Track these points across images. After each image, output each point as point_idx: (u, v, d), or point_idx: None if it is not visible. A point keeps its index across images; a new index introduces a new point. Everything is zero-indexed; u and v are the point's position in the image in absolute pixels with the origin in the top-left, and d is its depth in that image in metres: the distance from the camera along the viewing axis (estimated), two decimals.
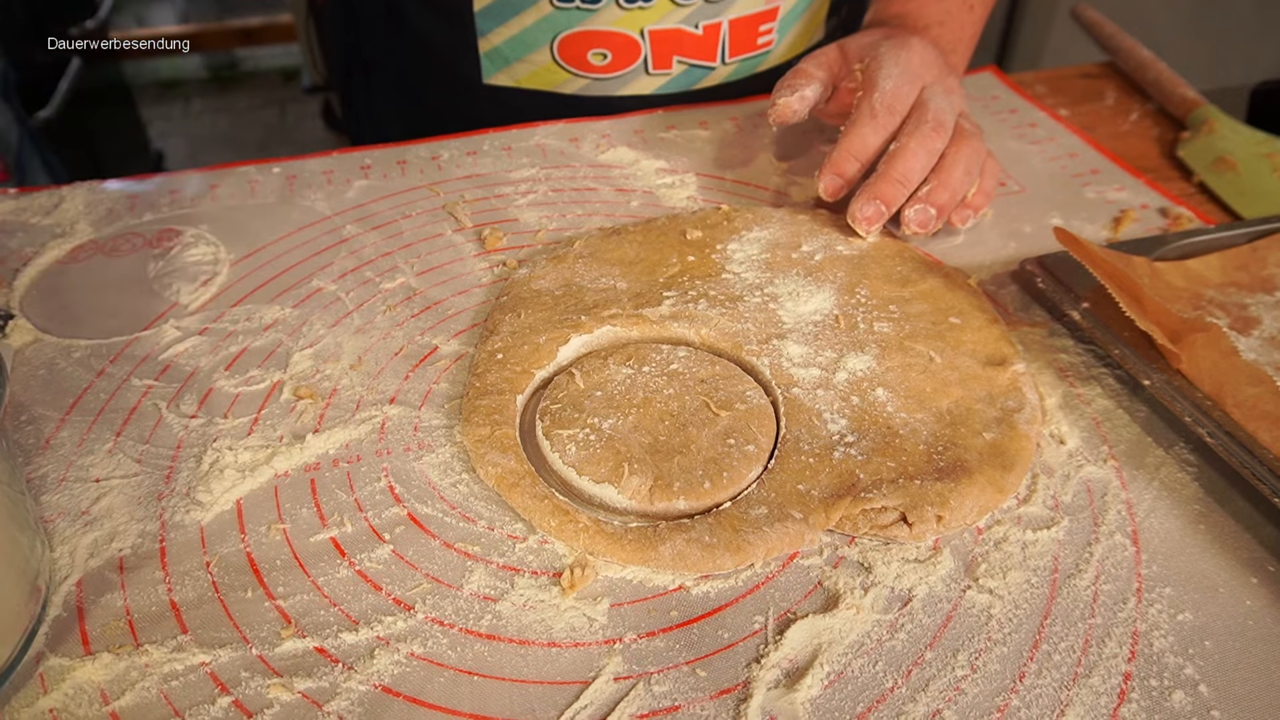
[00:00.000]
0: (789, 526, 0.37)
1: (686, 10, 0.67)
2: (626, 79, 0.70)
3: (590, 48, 0.68)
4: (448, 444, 0.42)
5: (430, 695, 0.33)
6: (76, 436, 0.43)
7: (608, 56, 0.68)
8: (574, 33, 0.67)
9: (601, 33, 0.67)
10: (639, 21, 0.66)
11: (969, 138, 0.54)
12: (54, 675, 0.33)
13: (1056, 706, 0.32)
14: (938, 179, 0.53)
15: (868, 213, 0.52)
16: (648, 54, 0.69)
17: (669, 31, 0.67)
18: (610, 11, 0.66)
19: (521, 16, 0.67)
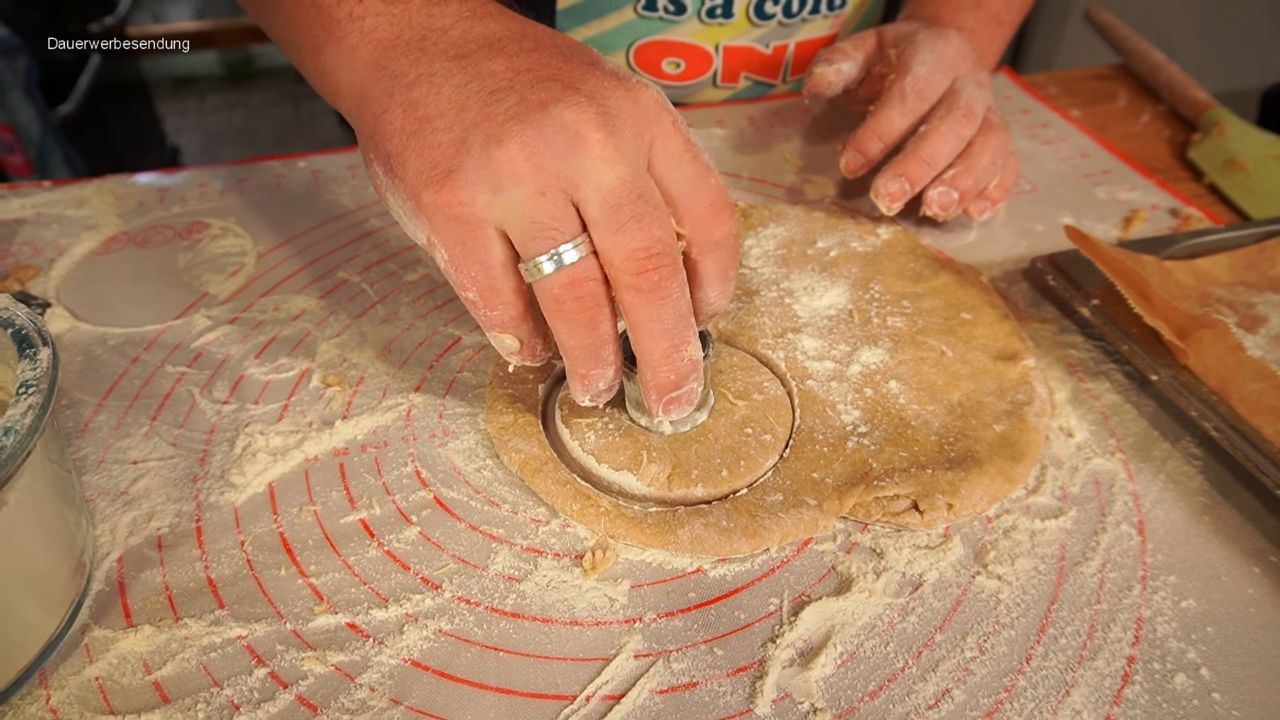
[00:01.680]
0: (804, 513, 0.38)
1: (761, 30, 0.69)
2: (694, 89, 0.73)
3: (665, 56, 0.70)
4: (472, 431, 0.44)
5: (458, 669, 0.34)
6: (114, 420, 0.44)
7: (681, 66, 0.70)
8: (652, 41, 0.69)
9: (678, 43, 0.69)
10: (716, 36, 0.69)
11: (997, 130, 0.55)
12: (99, 646, 0.34)
13: (1062, 687, 0.33)
14: (963, 165, 0.54)
15: (891, 188, 0.53)
16: (718, 67, 0.71)
17: (741, 48, 0.70)
18: (691, 24, 0.68)
19: (603, 20, 0.68)
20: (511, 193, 0.33)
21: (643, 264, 0.34)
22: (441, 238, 0.35)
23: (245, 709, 0.32)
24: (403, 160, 0.35)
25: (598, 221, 0.34)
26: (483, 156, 0.33)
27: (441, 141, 0.34)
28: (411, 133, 0.35)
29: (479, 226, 0.34)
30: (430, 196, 0.34)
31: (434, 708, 0.33)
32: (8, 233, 0.57)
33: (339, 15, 0.38)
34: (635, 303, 0.35)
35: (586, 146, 0.33)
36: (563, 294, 0.35)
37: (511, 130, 0.33)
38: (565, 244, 0.34)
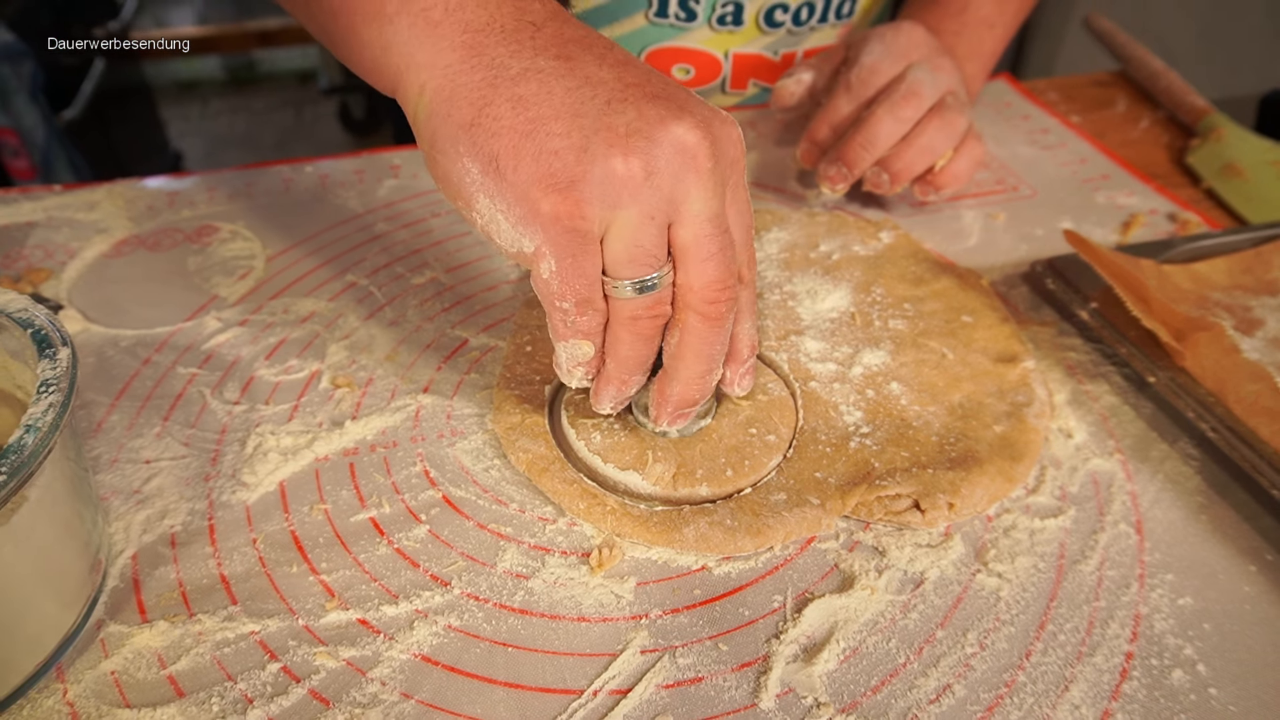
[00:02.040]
0: (807, 512, 0.39)
1: (771, 38, 0.70)
2: (703, 95, 0.73)
3: (675, 62, 0.71)
4: (479, 431, 0.44)
5: (467, 664, 0.34)
6: (126, 420, 0.45)
7: (690, 72, 0.72)
8: (662, 47, 0.70)
9: (689, 50, 0.70)
10: (726, 43, 0.70)
11: (944, 111, 0.55)
12: (114, 641, 0.35)
13: (1061, 682, 0.34)
14: (901, 145, 0.55)
15: (830, 172, 0.56)
16: (727, 74, 0.72)
17: (751, 56, 0.71)
18: (701, 31, 0.69)
19: (615, 25, 0.70)
20: (625, 211, 0.33)
21: (716, 294, 0.35)
22: (554, 249, 0.34)
23: (259, 703, 0.33)
24: (515, 162, 0.33)
25: (687, 248, 0.35)
26: (605, 168, 0.33)
27: (560, 148, 0.32)
28: (524, 133, 0.33)
29: (591, 241, 0.34)
30: (549, 206, 0.33)
31: (444, 702, 0.33)
32: (19, 236, 0.58)
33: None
34: (697, 327, 0.36)
35: (698, 173, 0.34)
36: (641, 314, 0.36)
37: (635, 145, 0.33)
38: (655, 272, 0.35)
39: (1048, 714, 0.33)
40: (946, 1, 0.65)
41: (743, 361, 0.40)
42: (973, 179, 0.62)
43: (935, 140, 0.55)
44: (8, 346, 0.36)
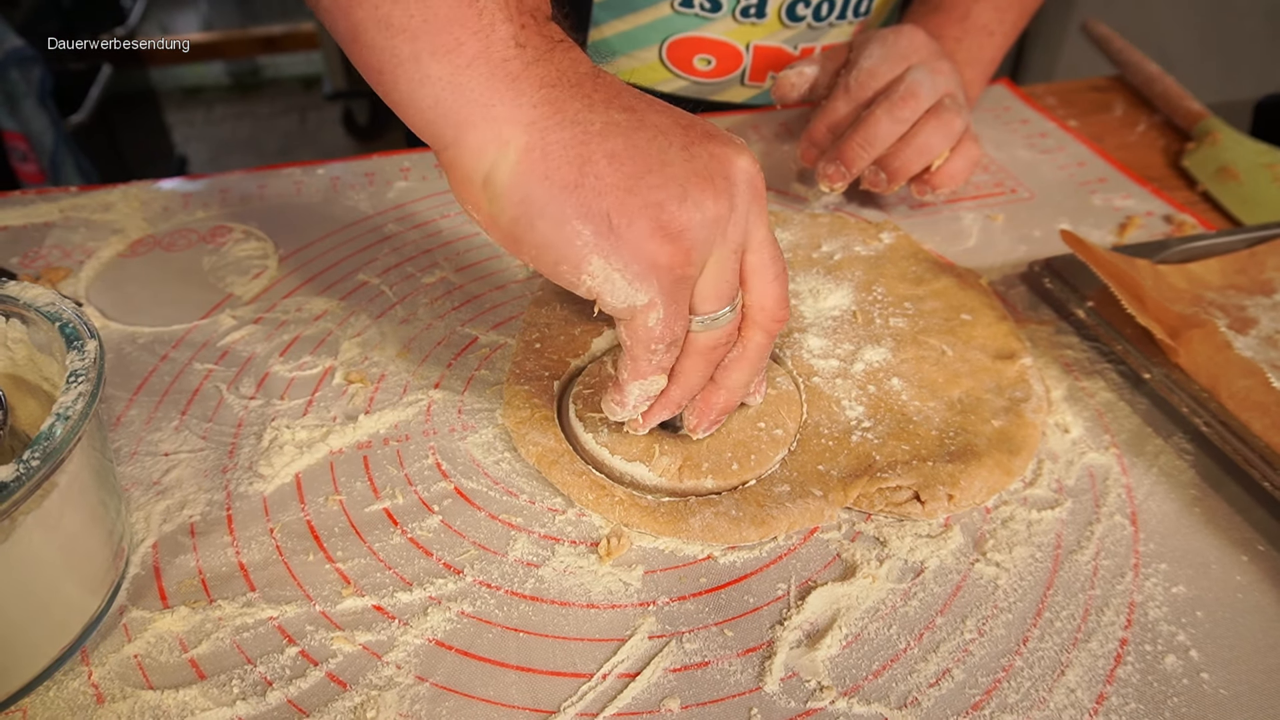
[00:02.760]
0: (810, 503, 0.40)
1: (792, 32, 0.71)
2: (723, 86, 0.75)
3: (698, 53, 0.72)
4: (490, 425, 0.45)
5: (480, 649, 0.35)
6: (145, 415, 0.46)
7: (712, 63, 0.73)
8: (685, 37, 0.71)
9: (711, 40, 0.71)
10: (748, 35, 0.71)
11: (942, 112, 0.56)
12: (136, 626, 0.36)
13: (1058, 667, 0.35)
14: (898, 145, 0.56)
15: (829, 170, 0.57)
16: (747, 66, 0.73)
17: (771, 48, 0.72)
18: (725, 23, 0.70)
19: (639, 14, 0.71)
20: (719, 250, 0.35)
21: (782, 311, 0.38)
22: (666, 297, 0.34)
23: (278, 685, 0.34)
24: (628, 219, 0.33)
25: (759, 270, 0.37)
26: (704, 213, 0.34)
27: (663, 199, 0.33)
28: (628, 189, 0.33)
29: (692, 283, 0.35)
30: (665, 257, 0.33)
31: (458, 684, 0.34)
32: (37, 236, 0.59)
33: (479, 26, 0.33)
34: (760, 342, 0.38)
35: (761, 201, 0.36)
36: (720, 343, 0.38)
37: (720, 186, 0.34)
38: (732, 303, 0.37)
39: (1044, 697, 0.34)
40: (948, 8, 0.66)
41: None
42: (969, 179, 0.63)
43: (932, 140, 0.56)
44: (35, 340, 0.37)
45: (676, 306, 0.35)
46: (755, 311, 0.38)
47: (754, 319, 0.38)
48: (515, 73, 0.33)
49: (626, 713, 0.33)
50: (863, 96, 0.58)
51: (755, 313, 0.38)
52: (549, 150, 0.33)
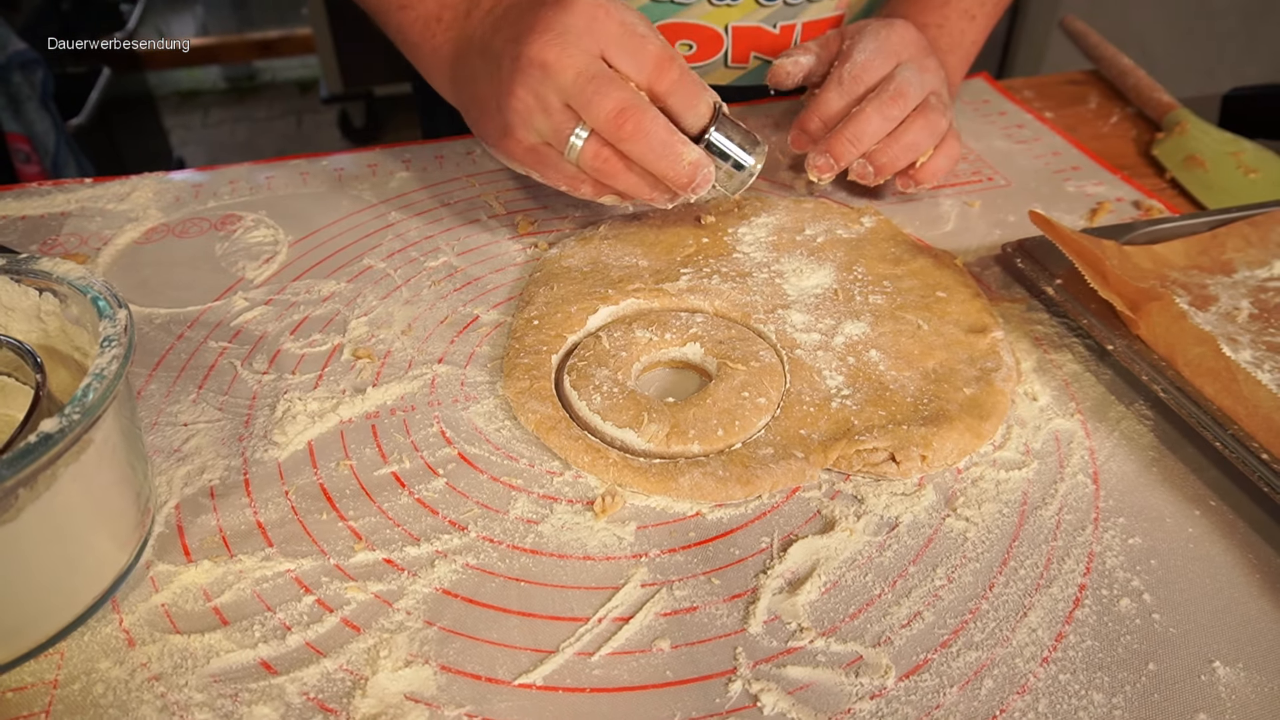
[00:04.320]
0: (792, 464, 0.43)
1: (768, 10, 0.73)
2: (706, 70, 0.76)
3: (678, 38, 0.74)
4: (491, 396, 0.48)
5: (484, 597, 0.38)
6: (164, 389, 0.48)
7: (693, 47, 0.74)
8: (664, 24, 0.73)
9: (689, 25, 0.73)
10: (725, 17, 0.73)
11: (928, 111, 0.59)
12: (163, 578, 0.39)
13: (1021, 609, 0.38)
14: (886, 140, 0.59)
15: (818, 162, 0.60)
16: (728, 48, 0.75)
17: (750, 29, 0.74)
18: (700, 6, 0.72)
19: None
20: (537, 119, 0.50)
21: (616, 119, 0.48)
22: (526, 166, 0.53)
23: (296, 629, 0.37)
24: (483, 131, 0.54)
25: (578, 107, 0.48)
26: (510, 109, 0.50)
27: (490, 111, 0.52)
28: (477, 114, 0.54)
29: (541, 148, 0.51)
30: (506, 147, 0.52)
31: (464, 628, 0.37)
32: (55, 225, 0.61)
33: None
34: (629, 148, 0.49)
35: (549, 66, 0.48)
36: (594, 163, 0.50)
37: (516, 81, 0.49)
38: (572, 134, 0.49)
39: (1007, 636, 0.37)
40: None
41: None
42: (950, 173, 0.66)
43: (918, 139, 0.59)
44: (67, 313, 0.40)
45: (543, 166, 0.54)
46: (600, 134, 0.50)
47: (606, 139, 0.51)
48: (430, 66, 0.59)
49: (621, 652, 0.36)
50: (855, 91, 0.60)
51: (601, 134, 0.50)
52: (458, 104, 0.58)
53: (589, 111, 0.48)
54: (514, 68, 0.49)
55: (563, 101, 0.49)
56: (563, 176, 0.53)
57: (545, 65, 0.48)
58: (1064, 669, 0.35)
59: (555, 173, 0.52)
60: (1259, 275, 0.55)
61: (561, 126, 0.50)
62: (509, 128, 0.51)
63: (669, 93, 0.50)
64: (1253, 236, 0.57)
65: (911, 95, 0.59)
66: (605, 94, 0.48)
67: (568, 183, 0.53)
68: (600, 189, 0.53)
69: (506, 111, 0.50)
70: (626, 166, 0.51)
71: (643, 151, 0.49)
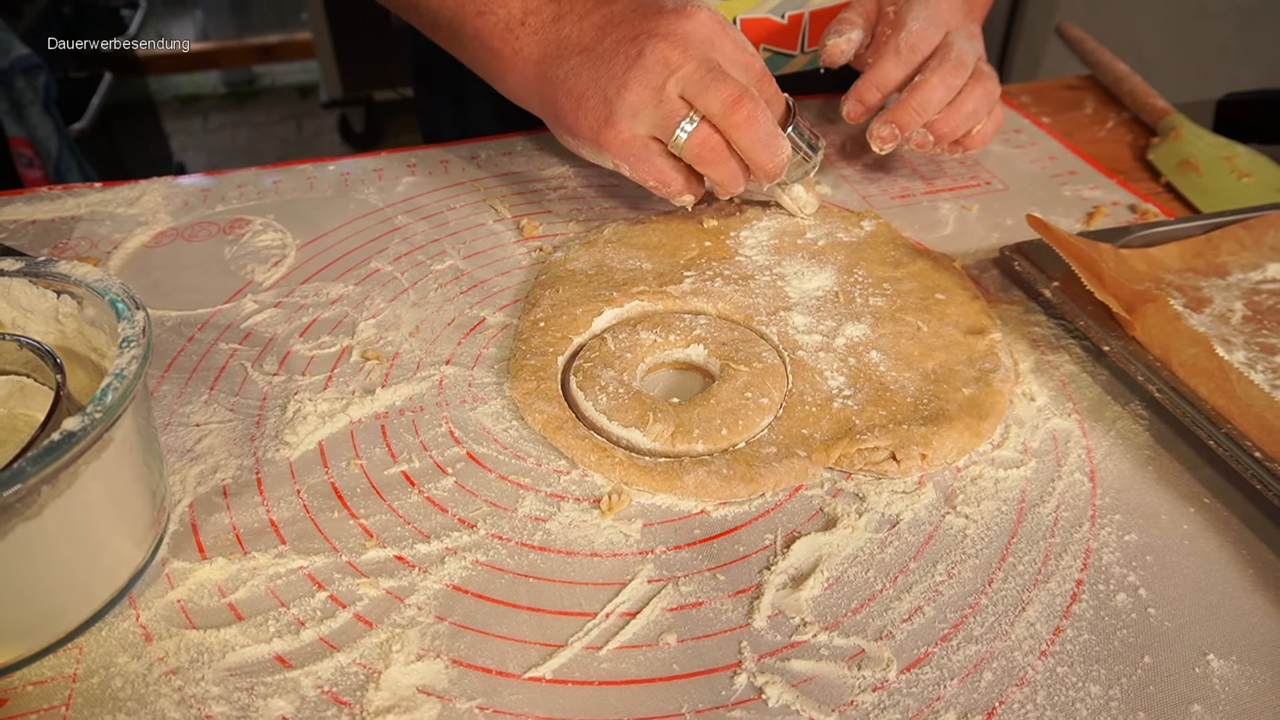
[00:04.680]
0: (794, 463, 0.44)
1: (775, 0, 0.74)
2: None
3: None
4: (498, 397, 0.49)
5: (494, 592, 0.39)
6: (175, 390, 0.49)
7: None
8: None
9: None
10: (733, 9, 0.73)
11: (984, 79, 0.61)
12: (178, 575, 0.39)
13: (1019, 604, 0.38)
14: (948, 111, 0.60)
15: (883, 133, 0.60)
16: None
17: (758, 20, 0.74)
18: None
19: None
20: (648, 111, 0.52)
21: (732, 105, 0.51)
22: (619, 159, 0.55)
23: (310, 625, 0.37)
24: (576, 125, 0.55)
25: (694, 95, 0.51)
26: (621, 100, 0.52)
27: (591, 105, 0.53)
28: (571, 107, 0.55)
29: (642, 141, 0.54)
30: (605, 138, 0.53)
31: (474, 623, 0.38)
32: (65, 229, 0.62)
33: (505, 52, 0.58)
34: (738, 135, 0.52)
35: (670, 63, 0.51)
36: (699, 150, 0.53)
37: (633, 76, 0.52)
38: (683, 121, 0.52)
39: (1006, 630, 0.37)
40: None
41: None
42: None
43: (978, 106, 0.61)
44: (84, 314, 0.40)
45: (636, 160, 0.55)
46: (713, 120, 0.52)
47: (718, 125, 0.53)
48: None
49: (628, 646, 0.37)
50: (913, 61, 0.61)
51: (713, 120, 0.52)
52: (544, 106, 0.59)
53: (706, 97, 0.51)
54: (633, 64, 0.52)
55: (679, 92, 0.51)
56: (655, 171, 0.54)
57: (667, 61, 0.51)
58: (1062, 662, 0.36)
59: (648, 167, 0.54)
60: (1252, 278, 0.56)
61: (673, 114, 0.52)
62: (613, 119, 0.53)
63: (768, 101, 0.54)
64: (1246, 240, 0.58)
65: (969, 64, 0.60)
66: (724, 82, 0.51)
67: (657, 177, 0.55)
68: (689, 184, 0.56)
69: (616, 102, 0.52)
70: (729, 154, 0.53)
71: (751, 139, 0.52)
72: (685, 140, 0.52)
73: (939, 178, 0.69)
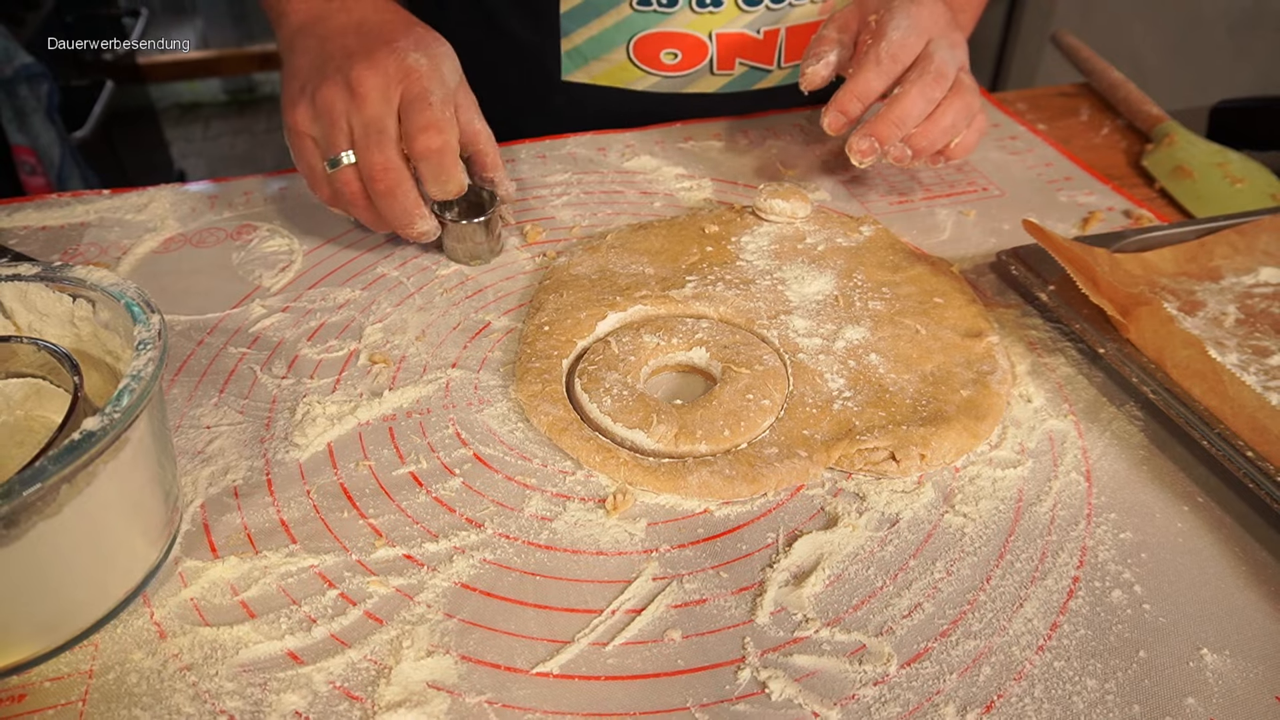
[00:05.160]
0: (796, 463, 0.44)
1: (751, 16, 0.74)
2: (692, 78, 0.78)
3: (663, 48, 0.76)
4: (504, 400, 0.49)
5: (501, 590, 0.40)
6: (186, 393, 0.50)
7: (678, 56, 0.76)
8: (649, 33, 0.75)
9: (674, 34, 0.75)
10: (708, 25, 0.74)
11: (964, 91, 0.61)
12: (191, 574, 0.40)
13: (1017, 600, 0.39)
14: (926, 124, 0.60)
15: (863, 146, 0.60)
16: (714, 55, 0.76)
17: (734, 35, 0.75)
18: (684, 15, 0.73)
19: (603, 18, 0.75)
20: (323, 122, 0.55)
21: (378, 174, 0.54)
22: (289, 141, 0.58)
23: (321, 622, 0.38)
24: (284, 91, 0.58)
25: (355, 145, 0.55)
26: (314, 99, 0.55)
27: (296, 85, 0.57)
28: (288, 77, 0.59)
29: (310, 139, 0.56)
30: (289, 118, 0.56)
31: (482, 620, 0.38)
32: (75, 235, 0.63)
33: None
34: (376, 200, 0.55)
35: (356, 95, 0.54)
36: (343, 186, 0.56)
37: (327, 85, 0.55)
38: (342, 152, 0.55)
39: (1004, 625, 0.38)
40: None
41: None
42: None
43: (957, 120, 0.60)
44: (99, 318, 0.41)
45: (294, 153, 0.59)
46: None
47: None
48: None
49: (634, 642, 0.37)
50: (894, 71, 0.60)
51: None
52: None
53: (361, 155, 0.54)
54: (333, 76, 0.54)
55: (348, 127, 0.54)
56: (310, 173, 0.57)
57: (354, 92, 0.54)
58: (1059, 656, 0.37)
59: (305, 166, 0.57)
60: (1245, 281, 0.57)
61: (336, 141, 0.55)
62: (297, 107, 0.56)
63: (421, 159, 0.55)
64: (1239, 244, 0.59)
65: (949, 75, 0.60)
66: (380, 149, 0.54)
67: (310, 178, 0.58)
68: (334, 202, 0.58)
69: (310, 96, 0.55)
70: (366, 204, 0.57)
71: (385, 207, 0.55)
72: (337, 169, 0.55)
73: (936, 184, 0.70)
